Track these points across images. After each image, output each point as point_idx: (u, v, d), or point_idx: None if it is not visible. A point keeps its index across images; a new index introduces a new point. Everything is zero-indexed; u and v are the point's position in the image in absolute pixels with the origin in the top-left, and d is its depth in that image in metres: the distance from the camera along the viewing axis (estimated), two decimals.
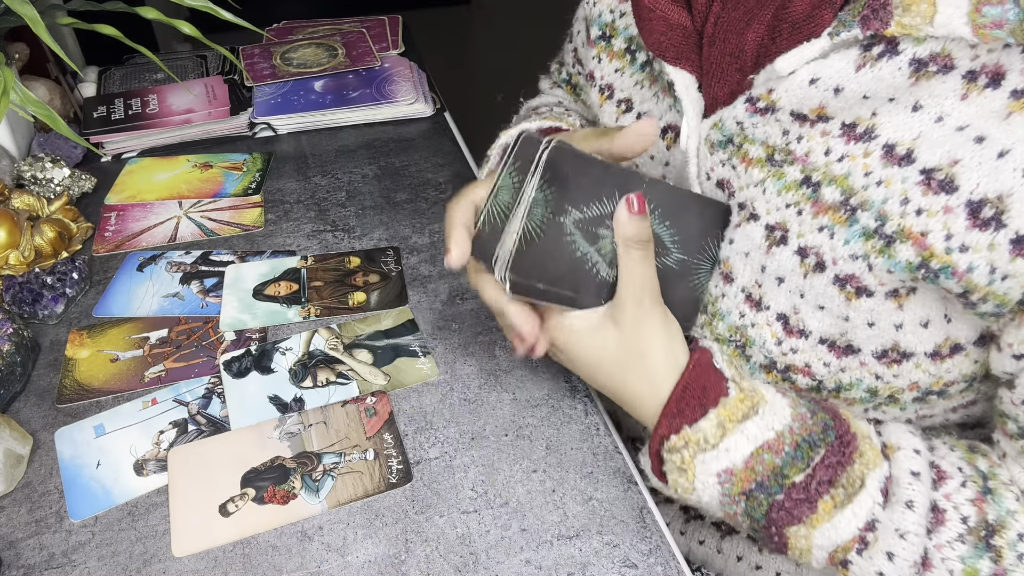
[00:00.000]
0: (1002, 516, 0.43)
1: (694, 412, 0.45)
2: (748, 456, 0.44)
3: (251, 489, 0.53)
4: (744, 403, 0.45)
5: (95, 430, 0.58)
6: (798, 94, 0.45)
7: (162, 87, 0.99)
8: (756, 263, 0.48)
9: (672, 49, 0.51)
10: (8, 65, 0.70)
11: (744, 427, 0.44)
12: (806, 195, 0.45)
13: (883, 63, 0.41)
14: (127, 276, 0.72)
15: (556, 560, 0.50)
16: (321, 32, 1.13)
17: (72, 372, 0.63)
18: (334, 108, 0.96)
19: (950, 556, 0.42)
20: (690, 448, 0.45)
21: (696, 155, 0.51)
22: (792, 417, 0.45)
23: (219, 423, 0.58)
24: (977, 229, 0.39)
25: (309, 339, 0.65)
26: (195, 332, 0.66)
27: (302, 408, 0.59)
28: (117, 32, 0.77)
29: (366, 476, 0.54)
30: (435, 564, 0.49)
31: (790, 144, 0.46)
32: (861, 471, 0.44)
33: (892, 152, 0.42)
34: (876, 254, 0.43)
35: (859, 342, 0.46)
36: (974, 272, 0.40)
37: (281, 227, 0.79)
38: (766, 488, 0.44)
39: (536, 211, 0.47)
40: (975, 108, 0.39)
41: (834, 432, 0.45)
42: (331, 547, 0.50)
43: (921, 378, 0.47)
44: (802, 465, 0.44)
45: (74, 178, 0.82)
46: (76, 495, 0.54)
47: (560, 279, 0.48)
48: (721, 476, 0.45)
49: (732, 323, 0.51)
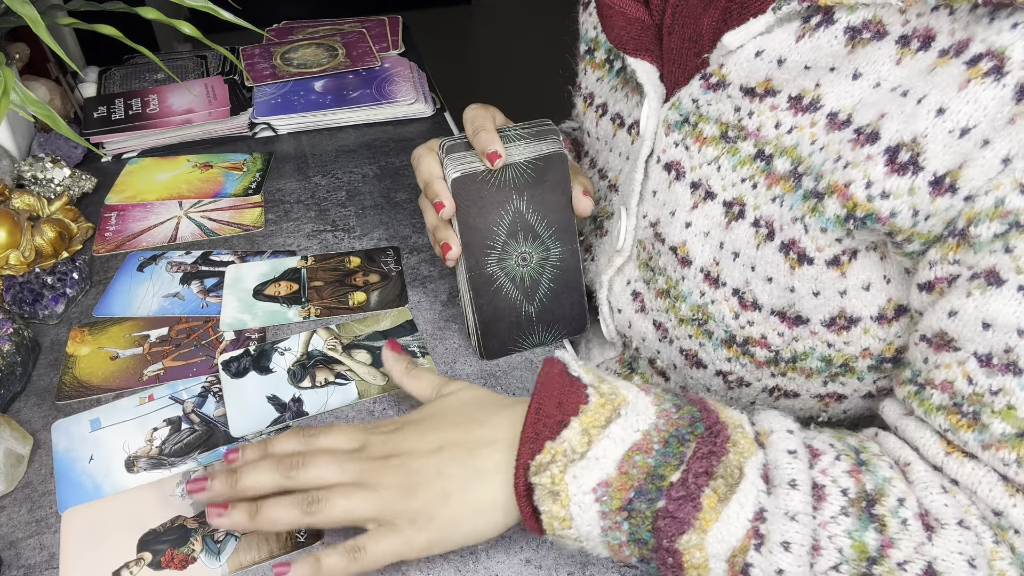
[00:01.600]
0: (879, 484, 0.42)
1: (552, 429, 0.43)
2: (619, 461, 0.42)
3: (148, 553, 0.50)
4: (605, 407, 0.43)
5: (91, 424, 0.58)
6: (745, 67, 0.47)
7: (162, 87, 0.99)
8: (715, 240, 0.50)
9: (632, 42, 0.54)
10: (8, 65, 0.70)
11: (609, 431, 0.42)
12: (760, 168, 0.47)
13: (820, 32, 0.43)
14: (127, 276, 0.73)
15: (556, 560, 0.50)
16: (321, 32, 1.13)
17: (72, 369, 0.63)
18: (334, 108, 0.96)
19: (836, 532, 0.40)
20: (558, 462, 0.42)
21: (652, 138, 0.54)
22: (656, 414, 0.43)
23: (213, 422, 0.58)
24: (896, 174, 0.40)
25: (308, 339, 0.65)
26: (195, 331, 0.66)
27: (300, 410, 0.59)
28: (117, 32, 0.77)
29: (272, 536, 0.50)
30: (435, 564, 0.49)
31: (742, 120, 0.48)
32: (737, 460, 0.41)
33: (835, 119, 0.44)
34: (810, 213, 0.44)
35: (807, 312, 0.48)
36: (897, 217, 0.41)
37: (281, 227, 0.79)
38: (645, 494, 0.41)
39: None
40: (907, 70, 0.41)
41: (702, 424, 0.43)
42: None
43: (872, 344, 0.48)
44: (675, 462, 0.41)
45: (74, 178, 0.82)
46: (67, 488, 0.54)
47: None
48: (597, 491, 0.41)
49: (694, 303, 0.52)
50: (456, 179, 0.54)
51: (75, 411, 0.60)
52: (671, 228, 0.53)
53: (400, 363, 0.55)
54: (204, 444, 0.57)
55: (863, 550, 0.40)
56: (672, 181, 0.53)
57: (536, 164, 0.54)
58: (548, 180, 0.55)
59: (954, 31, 0.39)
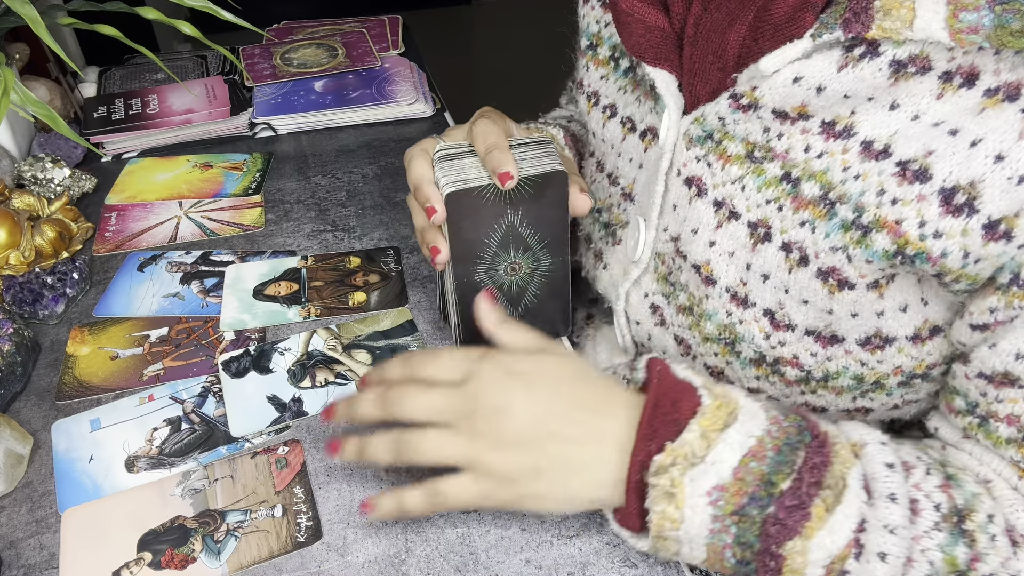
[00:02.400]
0: (969, 500, 0.43)
1: (668, 429, 0.43)
2: (735, 467, 0.42)
3: (148, 553, 0.50)
4: (722, 410, 0.43)
5: (91, 424, 0.58)
6: (781, 92, 0.45)
7: (162, 87, 0.99)
8: (741, 261, 0.49)
9: (651, 50, 0.52)
10: (8, 65, 0.70)
11: (726, 436, 0.42)
12: (786, 191, 0.46)
13: (864, 64, 0.42)
14: (127, 276, 0.73)
15: (556, 560, 0.50)
16: (321, 32, 1.13)
17: (72, 369, 0.63)
18: (334, 108, 0.96)
19: (929, 546, 0.41)
20: (679, 465, 0.42)
21: (672, 150, 0.52)
22: (768, 420, 0.44)
23: (212, 422, 0.58)
24: (951, 216, 0.40)
25: (308, 339, 0.65)
26: (195, 331, 0.66)
27: (300, 410, 0.59)
28: (117, 32, 0.77)
29: (272, 535, 0.51)
30: (435, 564, 0.49)
31: (770, 141, 0.47)
32: (841, 470, 0.43)
33: (870, 148, 0.43)
34: (854, 245, 0.44)
35: (843, 332, 0.47)
36: (948, 257, 0.41)
37: (281, 227, 0.79)
38: (758, 500, 0.42)
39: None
40: (950, 106, 0.40)
41: (809, 433, 0.44)
42: (331, 547, 0.50)
43: (904, 362, 0.48)
44: (788, 470, 0.42)
45: (74, 178, 0.82)
46: (67, 488, 0.54)
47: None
48: (712, 494, 0.42)
49: (719, 322, 0.51)
50: (450, 194, 0.52)
51: (75, 411, 0.60)
52: (694, 246, 0.52)
53: (495, 315, 0.51)
54: (204, 444, 0.57)
55: (954, 564, 0.41)
56: (693, 197, 0.51)
57: (536, 182, 0.52)
58: (546, 197, 0.53)
59: (999, 71, 0.39)
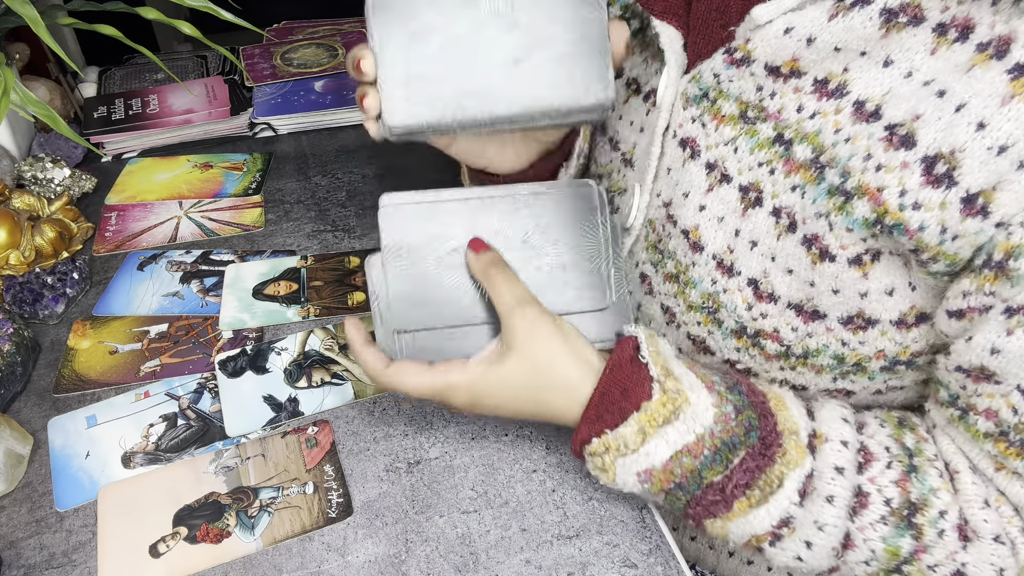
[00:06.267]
0: (924, 495, 0.44)
1: (614, 417, 0.46)
2: (666, 460, 0.45)
3: (183, 528, 0.51)
4: (666, 407, 0.45)
5: (87, 420, 0.58)
6: (773, 44, 0.45)
7: (162, 87, 0.99)
8: (730, 227, 0.48)
9: (660, 3, 0.51)
10: (8, 65, 0.70)
11: (664, 431, 0.45)
12: (778, 153, 0.46)
13: (854, 12, 0.42)
14: (127, 275, 0.73)
15: (556, 560, 0.50)
16: (321, 32, 1.13)
17: (71, 362, 0.63)
18: (334, 108, 0.96)
19: (872, 537, 0.44)
20: (610, 453, 0.46)
21: (670, 110, 0.52)
22: (715, 419, 0.45)
23: (208, 418, 0.58)
24: (930, 186, 0.39)
25: (305, 339, 0.65)
26: (194, 328, 0.66)
27: (296, 410, 0.59)
28: (117, 32, 0.77)
29: (304, 511, 0.52)
30: (435, 564, 0.49)
31: (763, 100, 0.46)
32: (780, 472, 0.45)
33: (862, 109, 0.42)
34: (836, 211, 0.43)
35: (825, 308, 0.47)
36: (925, 231, 0.40)
37: (281, 227, 0.79)
38: (684, 488, 0.46)
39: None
40: (942, 62, 0.39)
41: (757, 433, 0.45)
42: (331, 547, 0.50)
43: (887, 346, 0.47)
44: (720, 468, 0.45)
45: (74, 178, 0.82)
46: (63, 485, 0.54)
47: (439, 315, 0.51)
48: (640, 476, 0.46)
49: (704, 290, 0.51)
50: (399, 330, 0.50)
51: (72, 407, 0.60)
52: (684, 210, 0.51)
53: (483, 260, 0.50)
54: (200, 440, 0.57)
55: (895, 554, 0.44)
56: (686, 159, 0.51)
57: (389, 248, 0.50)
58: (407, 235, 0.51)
59: (995, 23, 0.37)
